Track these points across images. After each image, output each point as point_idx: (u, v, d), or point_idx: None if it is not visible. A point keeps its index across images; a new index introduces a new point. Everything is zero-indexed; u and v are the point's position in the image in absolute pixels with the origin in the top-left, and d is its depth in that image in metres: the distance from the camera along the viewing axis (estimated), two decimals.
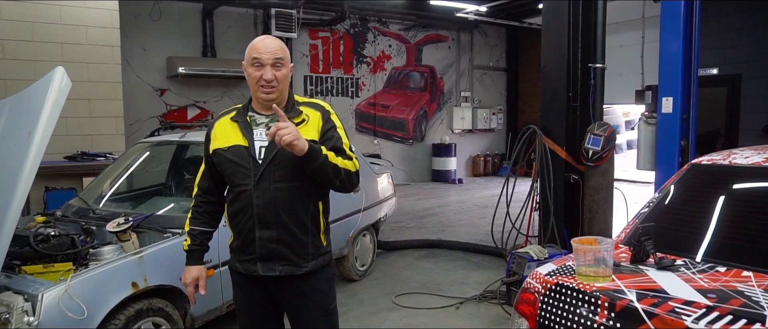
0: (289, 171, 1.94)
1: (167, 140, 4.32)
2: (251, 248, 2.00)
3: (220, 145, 2.02)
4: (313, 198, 2.02)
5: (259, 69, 1.94)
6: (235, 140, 2.00)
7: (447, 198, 10.15)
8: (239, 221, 2.01)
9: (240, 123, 2.01)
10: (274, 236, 1.97)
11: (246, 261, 2.04)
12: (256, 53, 1.94)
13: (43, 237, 2.91)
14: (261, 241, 1.98)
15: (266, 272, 2.01)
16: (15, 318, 2.43)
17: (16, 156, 2.48)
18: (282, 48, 1.99)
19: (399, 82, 12.19)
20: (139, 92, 8.64)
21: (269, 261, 2.00)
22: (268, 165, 1.94)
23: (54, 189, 5.66)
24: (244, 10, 9.50)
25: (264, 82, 1.94)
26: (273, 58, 1.94)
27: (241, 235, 2.03)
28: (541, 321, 1.97)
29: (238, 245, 2.05)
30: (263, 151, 1.96)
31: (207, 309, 3.31)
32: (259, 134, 1.99)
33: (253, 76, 1.95)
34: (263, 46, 1.95)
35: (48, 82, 2.50)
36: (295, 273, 2.01)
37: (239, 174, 1.97)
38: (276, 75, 1.94)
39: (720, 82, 8.61)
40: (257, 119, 2.02)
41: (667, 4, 4.33)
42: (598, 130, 4.67)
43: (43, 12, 5.96)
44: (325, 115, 2.03)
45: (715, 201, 2.32)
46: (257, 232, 1.98)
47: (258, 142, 1.98)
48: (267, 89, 1.95)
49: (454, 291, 4.65)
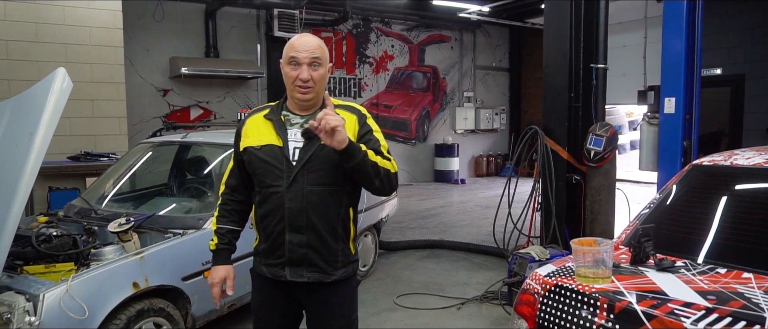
0: (324, 175, 1.89)
1: (169, 140, 4.34)
2: (280, 252, 1.94)
3: (252, 144, 1.95)
4: (346, 203, 1.96)
5: (296, 68, 1.88)
6: (268, 139, 1.93)
7: (449, 198, 10.14)
8: (268, 223, 1.94)
9: (274, 121, 1.95)
10: (304, 241, 1.91)
11: (273, 265, 1.97)
12: (293, 51, 1.88)
13: (45, 238, 2.93)
14: (290, 245, 1.92)
15: (294, 277, 1.94)
16: (16, 317, 2.44)
17: (17, 156, 2.49)
18: (320, 47, 1.92)
19: (402, 83, 12.19)
20: (142, 92, 8.68)
21: (298, 267, 1.94)
22: (302, 167, 1.88)
23: (58, 190, 5.69)
24: (246, 10, 9.52)
25: (300, 82, 1.88)
26: (310, 57, 1.87)
27: (269, 238, 1.96)
28: (540, 322, 1.96)
29: (266, 248, 1.98)
30: (297, 152, 1.90)
31: (208, 309, 3.32)
32: (294, 134, 1.92)
33: (290, 75, 1.89)
34: (301, 44, 1.89)
35: (49, 83, 2.51)
36: (324, 280, 1.95)
37: (271, 175, 1.90)
38: (313, 75, 1.88)
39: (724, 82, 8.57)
40: (292, 119, 1.96)
41: (670, 4, 4.32)
42: (600, 131, 4.66)
43: (47, 13, 5.98)
44: (362, 119, 1.97)
45: (716, 202, 2.31)
46: (287, 236, 1.91)
47: (292, 142, 1.91)
48: (303, 89, 1.89)
49: (455, 291, 4.65)
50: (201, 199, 3.84)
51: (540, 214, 5.08)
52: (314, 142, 1.87)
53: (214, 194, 3.65)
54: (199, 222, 3.31)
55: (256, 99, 9.82)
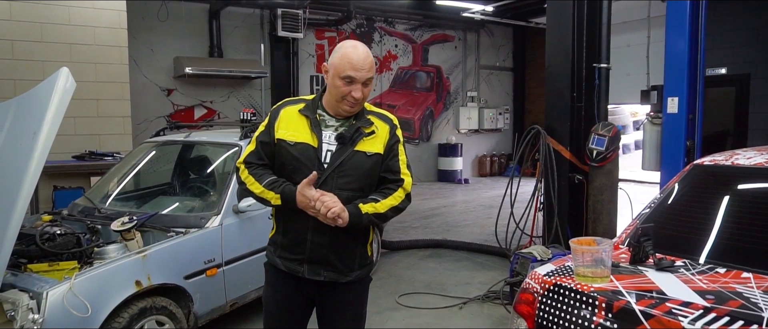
0: (353, 180, 1.93)
1: (172, 140, 4.36)
2: (300, 248, 1.97)
3: (287, 137, 1.95)
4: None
5: (350, 84, 1.89)
6: (303, 137, 1.95)
7: (452, 198, 10.14)
8: (292, 219, 1.96)
9: (310, 119, 1.96)
10: (326, 242, 1.95)
11: (292, 260, 2.00)
12: (351, 70, 1.87)
13: (49, 236, 2.95)
14: (312, 245, 1.95)
15: (312, 275, 1.98)
16: (20, 315, 2.46)
17: (21, 155, 2.51)
18: (373, 65, 1.95)
19: (405, 82, 12.19)
20: (147, 92, 8.72)
21: (316, 265, 1.97)
22: (333, 170, 1.91)
23: (62, 189, 5.73)
24: (250, 10, 9.55)
25: (352, 99, 1.91)
26: (366, 77, 1.90)
27: (289, 233, 1.99)
28: (539, 321, 1.96)
29: (286, 243, 2.01)
30: (329, 155, 1.93)
31: (210, 307, 3.34)
32: (328, 136, 1.95)
33: (342, 90, 1.89)
34: (359, 61, 1.88)
35: (53, 83, 2.53)
36: (339, 281, 2.00)
37: (301, 174, 1.90)
38: (364, 92, 1.92)
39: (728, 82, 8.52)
40: (327, 120, 1.99)
41: (673, 3, 4.30)
42: (603, 131, 4.65)
43: (52, 13, 6.02)
44: (393, 129, 2.04)
45: (717, 202, 2.31)
46: (310, 235, 1.95)
47: (325, 145, 1.94)
48: (353, 104, 1.93)
49: (457, 291, 4.65)
50: (203, 198, 3.85)
51: (542, 214, 5.08)
52: (347, 147, 1.93)
53: (217, 193, 3.67)
54: (202, 221, 3.33)
55: (260, 99, 9.85)
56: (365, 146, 1.97)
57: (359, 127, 1.96)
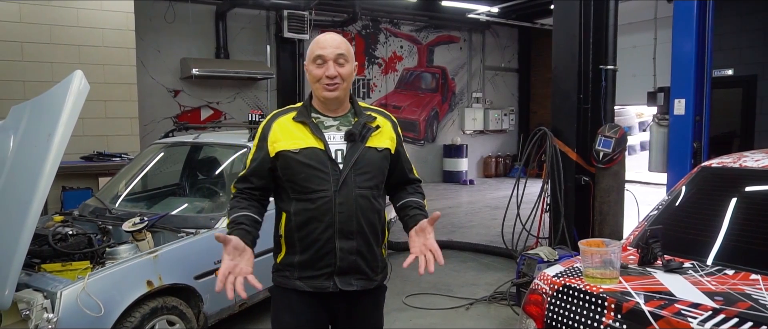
0: (371, 177, 1.86)
1: (181, 141, 4.40)
2: (327, 260, 1.82)
3: (287, 147, 1.83)
4: (382, 205, 1.94)
5: (322, 65, 1.82)
6: (306, 142, 1.83)
7: (458, 199, 10.15)
8: (312, 231, 1.81)
9: (309, 124, 1.85)
10: (354, 247, 1.83)
11: (318, 276, 1.84)
12: (318, 49, 1.83)
13: (62, 236, 2.98)
14: (341, 253, 1.82)
15: (345, 287, 1.84)
16: (35, 314, 2.50)
17: (36, 157, 2.55)
18: (345, 43, 1.88)
19: (410, 83, 12.21)
20: (154, 93, 8.77)
21: (347, 275, 1.84)
22: (350, 169, 1.82)
23: (71, 189, 5.77)
24: (256, 11, 9.59)
25: (327, 80, 1.81)
26: (336, 52, 1.82)
27: (311, 247, 1.83)
28: (548, 322, 1.98)
29: (306, 259, 1.84)
30: (340, 154, 1.84)
31: (220, 307, 3.37)
32: (331, 137, 1.85)
33: (315, 74, 1.83)
34: (325, 40, 1.84)
35: (67, 85, 2.56)
36: (368, 287, 1.89)
37: (315, 180, 1.80)
38: (340, 71, 1.82)
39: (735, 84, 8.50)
40: (325, 121, 1.89)
41: (680, 4, 4.31)
42: (609, 132, 4.66)
43: (61, 15, 6.08)
44: (395, 126, 1.99)
45: (725, 204, 2.32)
46: (337, 243, 1.81)
47: (333, 145, 1.84)
48: (331, 86, 1.82)
49: (464, 292, 4.67)
50: (213, 199, 3.89)
51: (549, 215, 5.09)
52: (358, 144, 1.85)
53: (226, 194, 3.70)
54: (211, 221, 3.36)
55: (266, 100, 9.89)
56: (374, 142, 1.89)
57: (365, 123, 1.88)
